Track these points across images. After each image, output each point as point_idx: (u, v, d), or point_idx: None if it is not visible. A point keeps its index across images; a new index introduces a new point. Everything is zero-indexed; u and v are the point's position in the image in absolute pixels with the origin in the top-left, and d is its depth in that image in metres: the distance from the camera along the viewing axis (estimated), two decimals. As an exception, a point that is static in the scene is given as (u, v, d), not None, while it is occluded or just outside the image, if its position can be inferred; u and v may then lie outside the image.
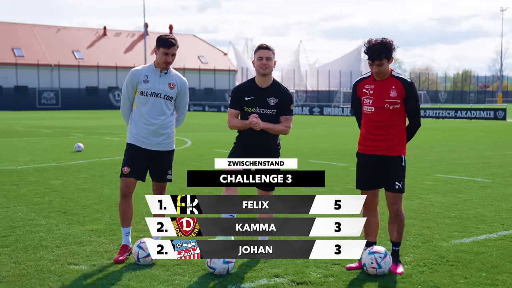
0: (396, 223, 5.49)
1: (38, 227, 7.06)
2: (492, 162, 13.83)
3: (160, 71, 5.89)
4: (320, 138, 22.42)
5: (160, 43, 5.84)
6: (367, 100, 5.46)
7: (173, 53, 5.82)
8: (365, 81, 5.54)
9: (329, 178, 11.07)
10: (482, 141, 20.55)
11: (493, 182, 10.64)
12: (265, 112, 5.77)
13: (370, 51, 5.24)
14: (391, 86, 5.37)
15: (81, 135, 23.69)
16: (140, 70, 5.92)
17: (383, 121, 5.38)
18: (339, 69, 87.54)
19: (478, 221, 7.36)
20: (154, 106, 5.87)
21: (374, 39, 5.28)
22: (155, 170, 6.01)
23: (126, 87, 5.94)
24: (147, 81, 5.86)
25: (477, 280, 5.05)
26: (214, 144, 18.87)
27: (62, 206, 8.43)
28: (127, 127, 6.10)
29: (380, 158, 5.45)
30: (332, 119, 43.00)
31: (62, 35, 77.88)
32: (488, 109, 41.33)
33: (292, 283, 5.05)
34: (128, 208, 5.93)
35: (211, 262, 5.19)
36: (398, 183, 5.43)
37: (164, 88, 5.90)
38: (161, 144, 5.94)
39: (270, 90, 5.81)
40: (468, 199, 8.94)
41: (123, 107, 6.06)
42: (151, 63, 5.97)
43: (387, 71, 5.36)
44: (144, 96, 5.85)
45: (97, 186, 10.25)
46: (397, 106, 5.36)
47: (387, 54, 5.23)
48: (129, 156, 5.94)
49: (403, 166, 5.46)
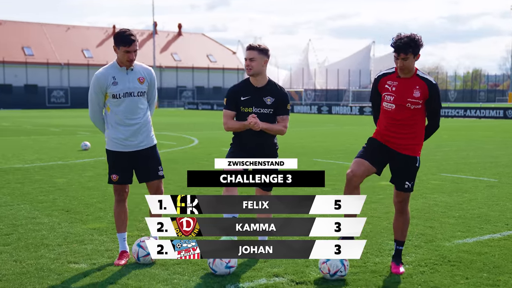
0: (401, 221, 5.44)
1: (40, 226, 7.07)
2: (499, 162, 13.74)
3: (126, 69, 5.65)
4: (327, 137, 22.37)
5: (119, 41, 5.51)
6: (388, 97, 5.32)
7: (135, 50, 5.54)
8: (388, 77, 5.37)
9: (334, 178, 11.04)
10: (490, 140, 20.42)
11: (500, 182, 10.56)
12: (262, 111, 5.72)
13: (397, 44, 5.08)
14: (415, 86, 5.23)
15: (88, 133, 23.76)
16: (105, 73, 5.60)
17: (403, 120, 5.26)
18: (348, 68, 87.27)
19: (482, 221, 7.30)
20: (129, 106, 5.63)
21: (403, 33, 5.15)
22: (144, 171, 5.79)
23: (95, 93, 5.62)
24: (116, 82, 5.59)
25: (478, 281, 5.00)
26: (222, 143, 18.86)
27: (66, 204, 8.45)
28: (104, 133, 5.86)
29: (395, 154, 5.35)
30: (341, 118, 42.92)
31: (71, 34, 78.23)
32: (498, 108, 41.10)
33: (291, 282, 5.02)
34: (123, 213, 5.83)
35: (213, 264, 5.16)
36: (408, 182, 5.36)
37: (135, 85, 5.64)
38: (143, 142, 5.73)
39: (266, 90, 5.76)
40: (473, 198, 8.88)
41: (94, 114, 5.75)
42: (112, 62, 5.69)
43: (412, 68, 5.20)
44: (117, 99, 5.58)
45: (102, 184, 10.26)
46: (418, 106, 5.24)
47: (414, 49, 5.07)
48: (113, 163, 5.75)
49: (416, 167, 5.40)
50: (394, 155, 5.36)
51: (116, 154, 5.73)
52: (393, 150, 5.35)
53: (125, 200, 5.88)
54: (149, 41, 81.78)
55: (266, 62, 5.73)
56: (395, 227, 5.52)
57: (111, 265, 5.53)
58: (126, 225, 5.89)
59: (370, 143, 5.46)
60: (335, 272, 5.03)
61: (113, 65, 5.68)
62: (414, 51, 5.10)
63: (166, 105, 73.86)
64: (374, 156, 5.34)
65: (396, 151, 5.34)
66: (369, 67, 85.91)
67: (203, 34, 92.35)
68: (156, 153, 5.87)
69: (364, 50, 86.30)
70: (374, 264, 5.52)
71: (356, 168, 5.29)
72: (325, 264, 5.07)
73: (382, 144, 5.39)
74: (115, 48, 5.59)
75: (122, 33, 5.56)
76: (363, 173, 5.29)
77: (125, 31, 5.58)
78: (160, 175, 5.85)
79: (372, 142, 5.45)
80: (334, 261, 5.03)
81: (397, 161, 5.37)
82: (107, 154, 5.82)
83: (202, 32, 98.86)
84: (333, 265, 5.04)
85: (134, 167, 5.80)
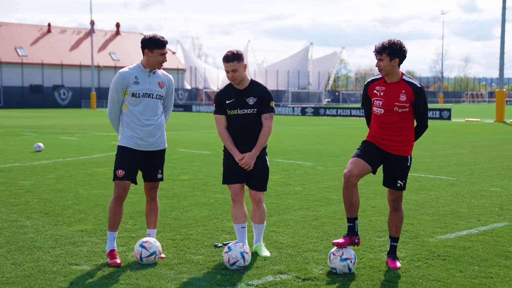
0: (395, 219, 5.71)
1: (25, 228, 6.97)
2: (450, 161, 14.34)
3: (149, 71, 5.86)
4: (279, 138, 22.63)
5: (153, 44, 5.76)
6: (377, 102, 5.59)
7: (167, 52, 5.87)
8: (376, 82, 5.66)
9: (301, 177, 11.29)
10: (434, 141, 21.18)
11: (458, 180, 11.07)
12: (246, 112, 5.88)
13: (376, 45, 5.44)
14: (401, 90, 5.48)
15: (35, 134, 23.20)
16: (128, 72, 5.81)
17: (392, 123, 5.53)
18: (287, 69, 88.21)
19: (455, 218, 7.68)
20: (147, 106, 5.84)
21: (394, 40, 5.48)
22: (149, 171, 5.99)
23: (116, 89, 5.82)
24: (138, 82, 5.80)
25: (472, 274, 5.32)
26: (178, 143, 18.79)
27: (41, 207, 8.33)
28: (118, 130, 5.96)
29: (388, 155, 5.61)
30: (284, 118, 43.39)
31: (3, 31, 75.75)
32: (434, 109, 42.56)
33: (297, 279, 5.19)
34: (120, 212, 5.86)
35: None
36: (400, 181, 5.64)
37: (155, 88, 5.89)
38: (156, 143, 5.93)
39: (248, 90, 5.91)
40: (440, 196, 9.30)
41: (112, 110, 5.92)
42: (135, 64, 5.90)
43: (393, 71, 5.46)
44: (136, 98, 5.80)
45: (71, 186, 10.13)
46: (406, 109, 5.50)
47: (389, 51, 5.35)
48: (123, 158, 5.84)
49: (408, 166, 5.66)
50: (386, 155, 5.62)
51: (128, 151, 5.86)
52: (385, 151, 5.62)
53: (123, 200, 5.91)
54: (86, 40, 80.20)
55: (246, 66, 5.91)
56: (390, 224, 5.78)
57: (113, 266, 5.54)
58: (119, 225, 5.93)
59: (365, 144, 5.70)
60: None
61: (136, 66, 5.89)
62: (390, 52, 5.38)
63: (105, 106, 72.50)
64: (370, 156, 5.58)
65: (389, 152, 5.61)
66: (307, 68, 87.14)
67: (141, 33, 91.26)
68: (163, 157, 6.07)
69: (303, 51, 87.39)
70: (370, 260, 5.76)
71: (353, 167, 5.50)
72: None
73: (375, 146, 5.65)
74: (146, 52, 5.79)
75: (156, 37, 5.82)
76: (360, 172, 5.51)
77: (156, 35, 5.83)
78: (159, 178, 6.06)
79: (367, 144, 5.70)
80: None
81: (389, 161, 5.63)
82: (119, 150, 5.92)
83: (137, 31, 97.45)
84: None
85: (142, 166, 5.93)
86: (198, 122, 35.22)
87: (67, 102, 73.42)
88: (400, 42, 5.45)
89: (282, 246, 6.27)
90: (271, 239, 6.57)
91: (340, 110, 47.54)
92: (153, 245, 5.63)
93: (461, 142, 20.39)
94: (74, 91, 74.08)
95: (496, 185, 10.43)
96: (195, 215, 7.81)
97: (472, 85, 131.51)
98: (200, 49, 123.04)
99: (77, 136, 22.64)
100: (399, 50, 5.40)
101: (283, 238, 6.62)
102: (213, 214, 7.88)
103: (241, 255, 5.41)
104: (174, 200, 8.84)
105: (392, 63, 5.42)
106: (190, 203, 8.68)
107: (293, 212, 8.08)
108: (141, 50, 5.86)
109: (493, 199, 9.07)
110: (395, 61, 5.41)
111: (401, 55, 5.43)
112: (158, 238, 6.39)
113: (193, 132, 25.16)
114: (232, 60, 5.75)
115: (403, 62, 5.50)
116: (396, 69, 5.48)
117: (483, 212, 8.06)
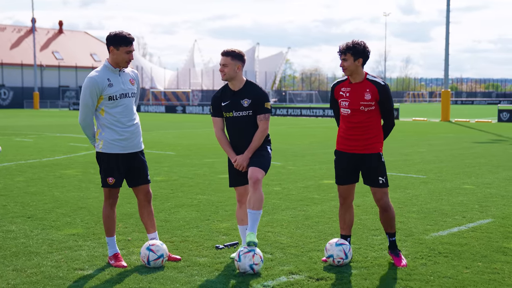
0: (386, 216, 5.79)
1: (13, 234, 6.74)
2: (413, 160, 14.65)
3: (119, 70, 5.64)
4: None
5: (119, 41, 5.51)
6: (343, 103, 5.74)
7: (133, 50, 5.65)
8: (341, 84, 5.83)
9: (278, 177, 11.33)
10: (391, 139, 21.60)
11: (429, 178, 11.32)
12: (241, 114, 5.82)
13: (339, 46, 5.62)
14: (365, 89, 5.65)
15: (-14, 135, 22.42)
16: (100, 76, 5.54)
17: (360, 122, 5.67)
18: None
19: (440, 215, 7.86)
20: (127, 107, 5.62)
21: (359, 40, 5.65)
22: (137, 173, 5.76)
23: (90, 95, 5.50)
24: (112, 84, 5.54)
25: (479, 270, 5.44)
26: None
27: (21, 210, 8.07)
28: (93, 136, 5.70)
29: (359, 157, 5.73)
30: (235, 118, 43.31)
31: None
32: (382, 109, 43.35)
33: (310, 279, 5.19)
34: (115, 217, 5.77)
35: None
36: (381, 178, 5.75)
37: (128, 86, 5.66)
38: (139, 143, 5.75)
39: (243, 92, 5.85)
40: (418, 194, 9.49)
41: (87, 117, 5.61)
42: (102, 66, 5.66)
43: (353, 70, 5.62)
44: (113, 100, 5.53)
45: (44, 189, 9.85)
46: (372, 108, 5.66)
47: (353, 51, 5.54)
48: (111, 165, 5.63)
49: (382, 162, 5.79)
50: (359, 158, 5.76)
51: (114, 156, 5.63)
52: (357, 154, 5.74)
53: (115, 205, 5.79)
54: (28, 39, 78.09)
55: (240, 67, 5.80)
56: (383, 222, 5.86)
57: (120, 269, 5.42)
58: (115, 230, 5.80)
59: (338, 161, 5.90)
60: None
61: (104, 68, 5.62)
62: (354, 52, 5.56)
63: (49, 106, 70.76)
64: (348, 174, 5.85)
65: (361, 154, 5.74)
66: (254, 68, 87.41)
67: (85, 32, 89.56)
68: (144, 157, 5.88)
69: (249, 51, 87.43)
70: (375, 259, 5.82)
71: (344, 194, 5.93)
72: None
73: (347, 155, 5.80)
74: (112, 49, 5.54)
75: (122, 33, 5.55)
76: (350, 194, 5.96)
77: (122, 31, 5.57)
78: (149, 179, 5.88)
79: (340, 160, 5.87)
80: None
81: (364, 162, 5.76)
82: (101, 157, 5.68)
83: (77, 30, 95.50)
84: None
85: (127, 169, 5.74)
86: (152, 122, 34.76)
87: (8, 102, 71.16)
88: (364, 43, 5.66)
89: (283, 246, 6.27)
90: (270, 239, 6.56)
91: (291, 110, 47.93)
92: (160, 248, 5.53)
93: (417, 141, 20.86)
94: (15, 90, 71.88)
95: (466, 183, 10.72)
96: (184, 217, 7.72)
97: (414, 85, 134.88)
98: (144, 48, 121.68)
99: (31, 137, 22.01)
100: (363, 50, 5.60)
101: (281, 238, 6.62)
102: (202, 216, 7.80)
103: (250, 268, 5.30)
104: (157, 201, 8.70)
105: (356, 63, 5.60)
106: (175, 204, 8.57)
107: (281, 212, 8.08)
108: (107, 48, 5.63)
109: (469, 196, 9.32)
110: (359, 61, 5.60)
111: (364, 55, 5.63)
112: (157, 241, 6.28)
113: (151, 133, 24.82)
114: (226, 55, 5.75)
115: (366, 62, 5.68)
116: (360, 69, 5.66)
117: (465, 209, 8.26)
